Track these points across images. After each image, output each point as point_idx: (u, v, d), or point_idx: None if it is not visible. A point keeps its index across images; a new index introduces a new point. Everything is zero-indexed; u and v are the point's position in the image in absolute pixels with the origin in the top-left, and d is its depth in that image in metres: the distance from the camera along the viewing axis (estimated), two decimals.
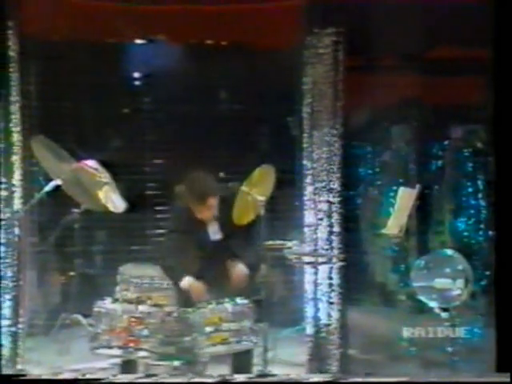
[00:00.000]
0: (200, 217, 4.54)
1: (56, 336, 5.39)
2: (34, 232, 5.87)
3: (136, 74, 6.79)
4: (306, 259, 5.21)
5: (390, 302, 6.50)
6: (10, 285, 5.31)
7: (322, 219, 5.50)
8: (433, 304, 4.94)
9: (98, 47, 6.27)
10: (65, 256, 6.33)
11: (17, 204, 5.37)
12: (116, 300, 4.38)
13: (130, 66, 6.72)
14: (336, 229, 5.51)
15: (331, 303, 5.48)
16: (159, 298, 4.36)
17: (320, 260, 5.27)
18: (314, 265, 5.26)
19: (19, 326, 5.20)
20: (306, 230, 5.54)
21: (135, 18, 6.07)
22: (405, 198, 5.25)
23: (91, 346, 4.33)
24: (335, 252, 5.48)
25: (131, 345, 4.27)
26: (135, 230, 6.47)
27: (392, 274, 6.74)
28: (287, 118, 6.49)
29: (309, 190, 5.55)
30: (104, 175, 4.73)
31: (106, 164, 4.84)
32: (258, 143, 6.91)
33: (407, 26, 5.72)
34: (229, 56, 6.54)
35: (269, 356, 4.60)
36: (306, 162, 5.58)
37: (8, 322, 5.27)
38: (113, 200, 4.74)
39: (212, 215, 4.57)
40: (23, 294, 5.28)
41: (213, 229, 4.63)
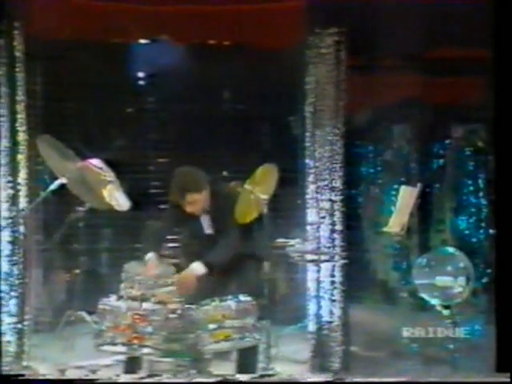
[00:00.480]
0: (188, 211, 4.53)
1: (61, 333, 5.39)
2: (39, 230, 5.89)
3: (140, 74, 6.81)
4: (309, 257, 5.23)
5: (392, 300, 6.49)
6: (16, 282, 5.34)
7: (324, 217, 5.50)
8: (434, 301, 4.94)
9: (102, 47, 6.28)
10: (70, 254, 6.35)
11: (22, 202, 5.40)
12: (120, 297, 4.36)
13: (134, 66, 6.74)
14: (338, 227, 5.51)
15: (333, 301, 5.49)
16: (163, 296, 4.35)
17: (322, 258, 5.28)
18: (316, 263, 5.28)
19: (25, 323, 5.22)
20: (308, 228, 5.54)
21: (139, 18, 6.09)
22: (406, 197, 5.25)
23: (96, 342, 4.31)
24: (337, 250, 5.48)
25: (135, 342, 4.25)
26: (139, 228, 6.48)
27: (394, 271, 6.75)
28: (290, 117, 6.52)
29: (311, 188, 5.55)
30: (108, 174, 4.74)
31: (110, 163, 4.85)
32: (261, 142, 6.91)
33: (409, 25, 5.72)
34: (231, 56, 6.55)
35: (272, 353, 4.61)
36: (308, 161, 5.58)
37: (14, 319, 5.31)
38: (117, 198, 4.74)
39: (200, 210, 4.55)
40: (29, 292, 5.31)
41: (204, 223, 4.61)
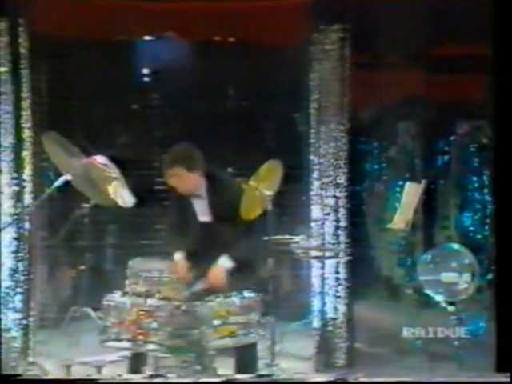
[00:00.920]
0: (170, 184, 4.47)
1: (66, 329, 5.40)
2: (44, 226, 5.91)
3: (145, 71, 6.82)
4: (313, 253, 5.21)
5: (397, 296, 6.51)
6: (21, 278, 5.35)
7: (328, 214, 5.50)
8: (439, 298, 4.94)
9: (107, 44, 6.29)
10: (75, 250, 6.36)
11: (27, 199, 5.42)
12: (125, 293, 4.38)
13: (138, 63, 6.76)
14: (343, 223, 5.51)
15: (338, 297, 5.49)
16: (168, 292, 4.35)
17: (327, 254, 5.27)
18: (320, 259, 5.27)
19: (30, 319, 5.24)
20: (312, 224, 5.53)
21: (144, 15, 6.09)
22: (411, 193, 5.25)
23: (101, 338, 4.33)
24: (342, 246, 5.48)
25: (140, 338, 4.27)
26: (144, 225, 6.50)
27: (398, 268, 6.75)
28: (294, 113, 6.51)
29: (316, 185, 5.55)
30: (113, 170, 4.73)
31: (115, 159, 4.84)
32: (266, 139, 6.92)
33: (413, 23, 5.72)
34: (236, 53, 6.56)
35: (276, 349, 4.60)
36: (312, 158, 5.57)
37: (19, 315, 5.32)
38: (122, 195, 4.74)
39: (185, 189, 4.48)
40: (34, 288, 5.33)
41: (198, 209, 4.57)
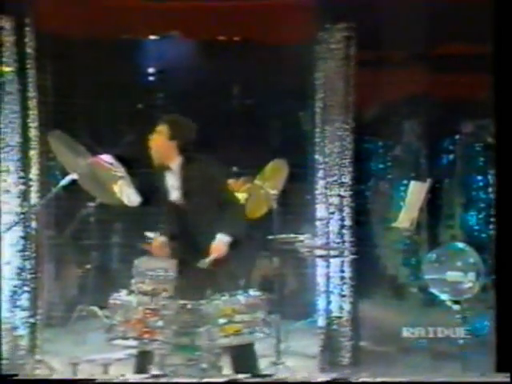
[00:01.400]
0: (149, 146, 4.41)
1: (73, 327, 5.44)
2: (50, 225, 5.94)
3: (150, 70, 6.84)
4: (318, 252, 5.22)
5: (402, 295, 6.52)
6: (28, 277, 5.37)
7: (333, 213, 5.51)
8: (444, 297, 4.93)
9: (112, 44, 6.30)
10: (81, 249, 6.39)
11: (34, 198, 5.44)
12: (131, 292, 4.34)
13: (143, 63, 6.78)
14: (347, 222, 5.52)
15: (343, 296, 5.49)
16: (173, 290, 4.33)
17: (332, 253, 5.28)
18: (325, 258, 5.28)
19: (37, 318, 5.25)
20: (317, 223, 5.54)
21: (148, 14, 6.09)
22: (416, 192, 5.24)
23: (107, 337, 4.29)
24: (347, 245, 5.49)
25: (146, 336, 4.24)
26: (149, 224, 6.50)
27: (403, 267, 6.75)
28: (299, 112, 6.53)
29: (320, 184, 5.55)
30: (119, 169, 4.68)
31: (120, 158, 4.81)
32: (271, 138, 6.93)
33: (419, 21, 5.72)
34: (241, 52, 6.57)
35: (281, 347, 4.64)
36: (317, 157, 5.57)
37: (26, 314, 5.34)
38: (127, 194, 4.71)
39: (157, 153, 4.42)
40: (41, 287, 5.35)
41: (170, 185, 4.45)
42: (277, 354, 4.59)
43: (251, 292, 4.41)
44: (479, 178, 6.73)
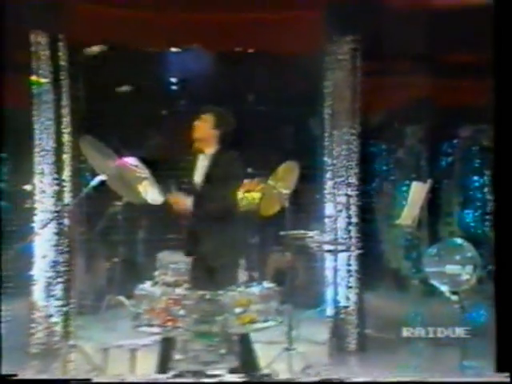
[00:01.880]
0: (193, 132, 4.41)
1: (103, 315, 5.44)
2: (82, 222, 5.89)
3: (173, 80, 6.86)
4: (327, 247, 5.20)
5: (404, 287, 6.48)
6: (62, 269, 5.41)
7: (341, 211, 5.51)
8: (444, 288, 4.89)
9: (138, 56, 6.31)
10: (109, 244, 6.40)
11: (67, 197, 5.48)
12: (155, 283, 4.39)
13: (167, 73, 6.79)
14: (354, 220, 5.52)
15: (349, 287, 5.50)
16: (194, 282, 4.34)
17: (339, 248, 5.26)
18: (333, 252, 5.26)
19: (70, 306, 5.26)
20: (326, 220, 5.54)
21: (171, 29, 6.07)
22: (417, 192, 5.20)
23: (134, 324, 4.34)
24: (353, 241, 5.49)
25: (169, 324, 4.27)
26: (171, 221, 6.51)
27: (406, 260, 6.73)
28: (309, 118, 6.52)
29: (329, 184, 5.56)
30: (143, 171, 4.67)
31: (145, 161, 4.82)
32: (283, 141, 6.92)
33: (419, 33, 5.68)
34: (256, 62, 6.57)
35: (293, 335, 4.63)
36: (326, 159, 5.58)
37: (60, 303, 5.39)
38: (151, 193, 4.72)
39: (203, 142, 4.38)
40: (73, 278, 5.32)
41: (200, 168, 4.41)
42: (289, 341, 4.59)
43: (265, 284, 4.47)
44: (475, 178, 6.68)
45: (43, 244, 5.42)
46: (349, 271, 5.50)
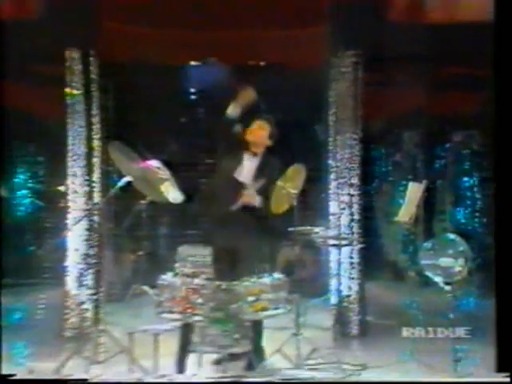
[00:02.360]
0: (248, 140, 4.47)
1: (129, 303, 5.44)
2: (110, 219, 5.94)
3: (192, 90, 6.88)
4: (331, 242, 5.15)
5: (402, 278, 6.45)
6: (93, 261, 5.45)
7: (344, 209, 5.52)
8: (438, 279, 4.85)
9: (161, 69, 6.32)
10: (135, 239, 6.37)
11: (97, 197, 5.51)
12: (176, 274, 4.36)
13: (186, 84, 6.81)
14: (356, 217, 5.52)
15: (352, 278, 5.50)
16: (211, 273, 4.34)
17: (343, 243, 5.22)
18: (337, 247, 5.25)
19: (100, 295, 5.28)
20: (330, 217, 5.54)
21: (190, 44, 6.10)
22: (413, 192, 5.14)
23: (157, 311, 4.33)
24: (355, 236, 5.49)
25: (188, 311, 4.26)
26: (190, 218, 6.54)
27: (403, 254, 6.69)
28: (316, 124, 6.52)
29: (333, 184, 5.57)
30: (165, 173, 4.63)
31: (167, 163, 4.79)
32: (292, 145, 6.89)
33: (415, 47, 5.69)
34: (267, 74, 6.57)
35: (300, 321, 4.59)
36: (331, 162, 5.59)
37: (91, 291, 5.42)
38: (172, 193, 4.68)
39: (259, 142, 4.48)
40: (103, 269, 5.35)
41: (247, 167, 4.51)
42: (296, 327, 4.57)
43: (275, 275, 4.45)
44: (466, 179, 6.66)
45: (76, 239, 5.46)
46: (351, 263, 5.50)
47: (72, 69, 5.43)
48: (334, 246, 5.24)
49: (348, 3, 5.17)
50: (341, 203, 5.53)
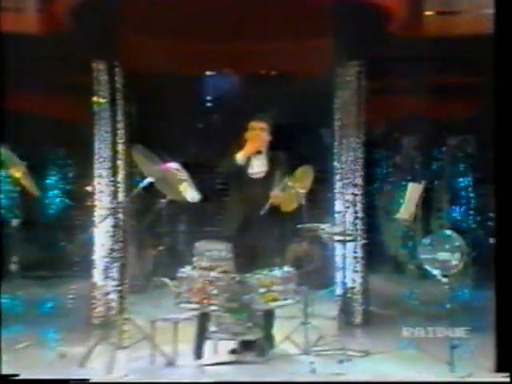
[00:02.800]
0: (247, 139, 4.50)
1: (150, 294, 5.44)
2: (133, 217, 5.89)
3: (208, 98, 6.92)
4: (337, 238, 5.11)
5: (402, 271, 6.47)
6: (117, 255, 5.47)
7: (348, 207, 5.52)
8: (436, 272, 4.83)
9: (179, 78, 6.33)
10: (156, 235, 6.46)
11: (121, 196, 5.53)
12: (193, 267, 4.37)
13: (203, 92, 6.85)
14: (359, 215, 5.52)
15: (356, 271, 5.51)
16: (225, 266, 4.38)
17: (347, 238, 5.19)
18: (342, 242, 5.22)
19: (124, 286, 5.30)
20: (336, 215, 5.55)
21: (206, 56, 6.11)
22: (413, 191, 5.08)
23: (176, 301, 4.34)
24: (359, 232, 5.48)
25: (205, 301, 4.29)
26: (207, 215, 6.58)
27: (403, 249, 6.70)
28: (322, 129, 6.54)
29: (338, 185, 5.57)
30: (183, 174, 4.60)
31: (185, 165, 4.74)
32: (300, 148, 6.93)
33: (415, 58, 5.69)
34: (277, 82, 6.59)
35: (308, 311, 4.58)
36: (336, 164, 5.59)
37: (116, 283, 5.44)
38: (190, 193, 4.62)
39: (259, 143, 4.50)
40: (126, 263, 5.38)
41: (256, 164, 4.53)
42: (304, 316, 4.56)
43: (285, 268, 4.45)
44: (461, 180, 6.66)
45: (102, 235, 5.48)
46: (355, 258, 5.51)
47: (99, 79, 5.46)
48: (339, 241, 5.22)
49: (352, 18, 5.19)
50: (345, 202, 5.54)
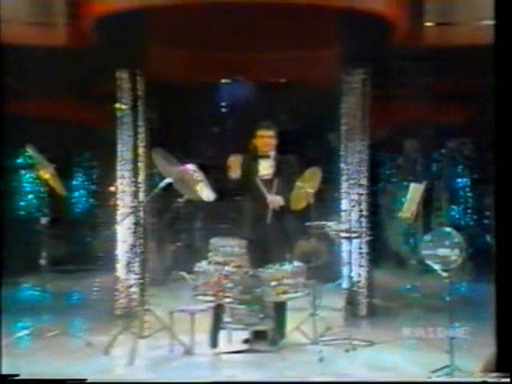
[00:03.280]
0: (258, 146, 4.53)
1: (169, 287, 5.48)
2: (153, 215, 5.99)
3: (222, 104, 6.92)
4: (343, 235, 5.15)
5: (404, 266, 6.44)
6: (139, 251, 5.49)
7: (354, 206, 5.51)
8: (436, 267, 4.82)
9: (196, 86, 6.34)
10: (174, 231, 6.49)
11: (142, 196, 5.54)
12: (209, 262, 4.38)
13: (218, 99, 6.85)
14: (364, 213, 5.50)
15: (361, 266, 5.50)
16: (239, 261, 4.39)
17: (353, 235, 5.21)
18: (348, 239, 5.23)
19: (145, 279, 5.33)
20: (342, 213, 5.54)
21: (221, 65, 6.10)
22: (414, 191, 5.11)
23: (193, 294, 4.36)
24: (364, 229, 5.47)
25: (220, 294, 4.31)
26: (221, 213, 6.58)
27: (405, 245, 6.68)
28: (329, 133, 6.52)
29: (344, 185, 5.56)
30: (200, 175, 4.58)
31: (201, 167, 4.74)
32: (309, 151, 6.91)
33: (416, 66, 5.65)
34: (287, 89, 6.58)
35: (316, 303, 4.58)
36: (342, 165, 5.58)
37: (137, 276, 5.45)
38: (206, 193, 4.61)
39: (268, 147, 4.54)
40: (147, 258, 5.41)
41: (264, 166, 4.57)
42: (313, 308, 4.58)
43: (295, 263, 4.46)
44: (459, 180, 6.63)
45: (124, 231, 5.49)
46: (360, 253, 5.50)
47: (121, 87, 5.48)
48: (345, 238, 5.22)
49: (357, 29, 5.17)
50: (351, 201, 5.53)
